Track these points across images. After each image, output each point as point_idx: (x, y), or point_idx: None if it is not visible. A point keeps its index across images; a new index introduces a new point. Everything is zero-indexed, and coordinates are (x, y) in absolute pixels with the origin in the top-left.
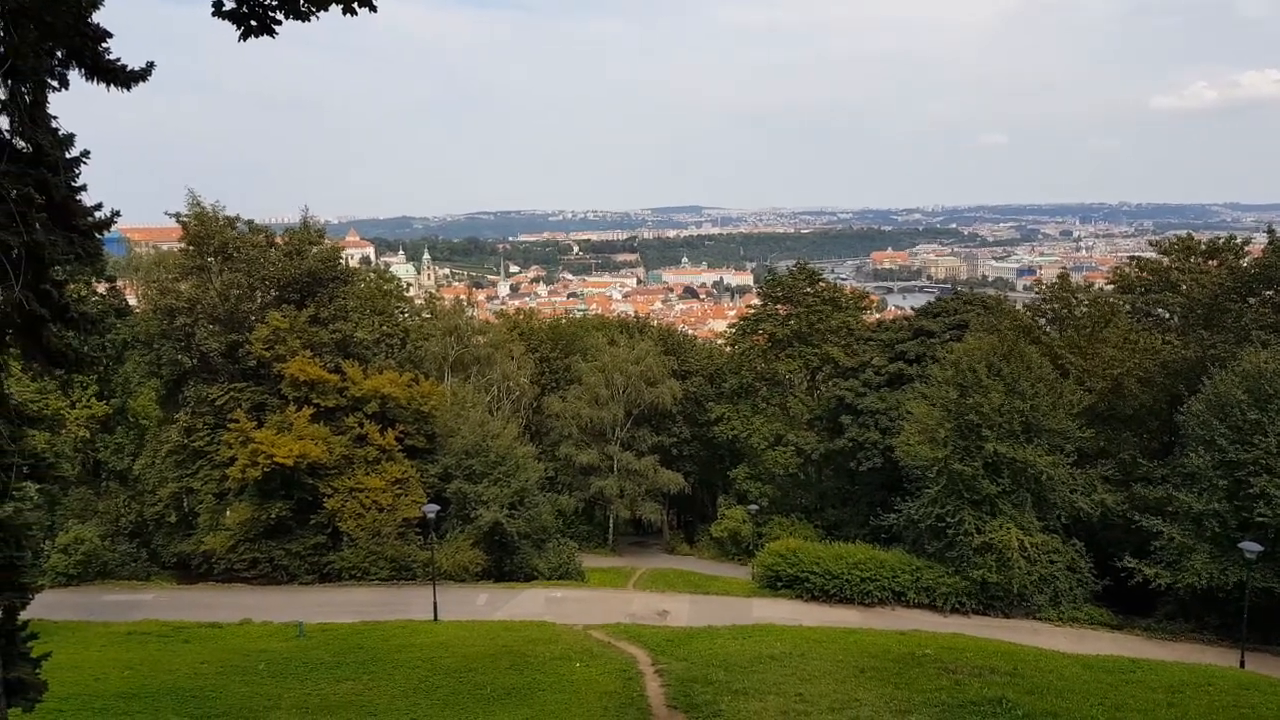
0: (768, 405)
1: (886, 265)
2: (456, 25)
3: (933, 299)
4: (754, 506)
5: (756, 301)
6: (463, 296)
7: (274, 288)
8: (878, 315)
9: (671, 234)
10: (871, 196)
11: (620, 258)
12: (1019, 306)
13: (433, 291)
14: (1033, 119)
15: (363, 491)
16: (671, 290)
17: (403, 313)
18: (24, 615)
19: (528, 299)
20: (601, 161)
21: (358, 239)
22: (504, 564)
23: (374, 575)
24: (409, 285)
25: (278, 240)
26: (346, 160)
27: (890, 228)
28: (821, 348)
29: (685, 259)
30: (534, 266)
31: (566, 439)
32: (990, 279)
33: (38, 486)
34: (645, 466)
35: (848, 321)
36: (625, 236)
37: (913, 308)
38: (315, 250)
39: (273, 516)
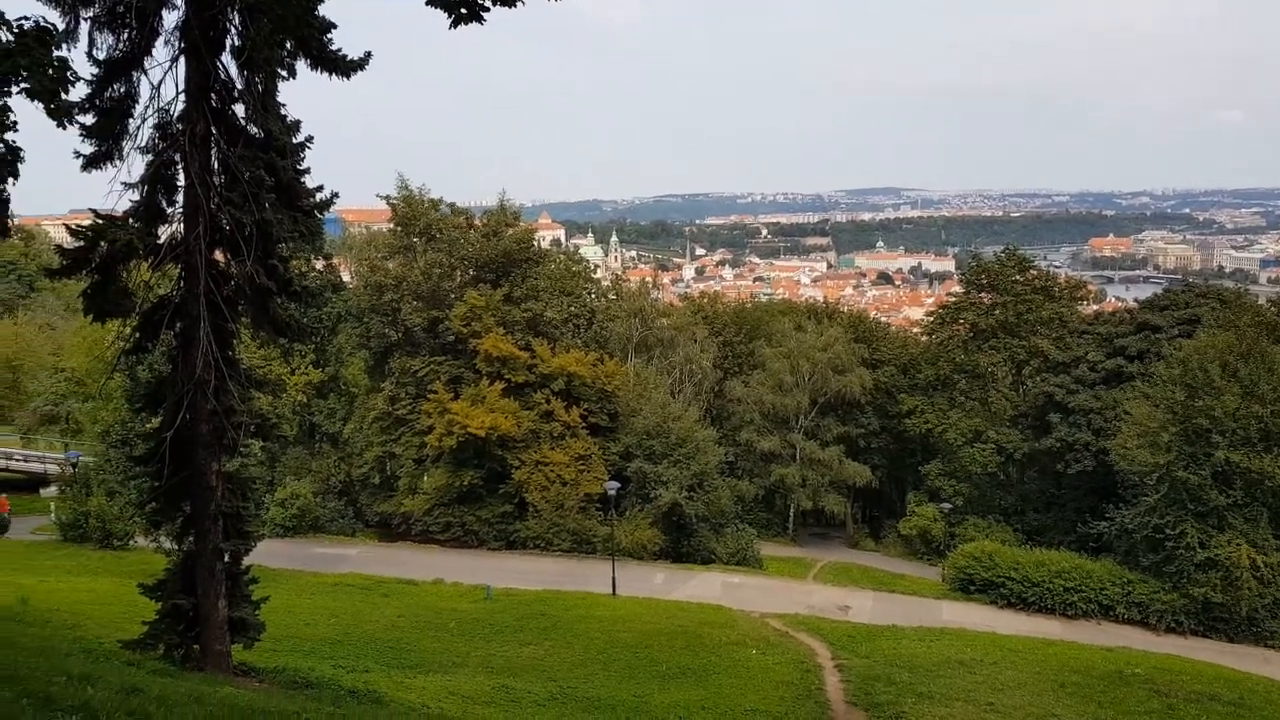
0: (966, 399)
1: (1107, 253)
2: (646, 9)
3: (1159, 290)
4: (947, 505)
5: (958, 289)
6: (648, 279)
7: (472, 267)
8: (1095, 307)
9: (866, 217)
10: (1091, 178)
11: (810, 241)
12: (1262, 301)
13: (619, 273)
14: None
15: (548, 465)
16: (864, 275)
17: (590, 294)
18: (247, 561)
19: (712, 282)
20: (794, 142)
21: (549, 221)
22: (681, 545)
23: (556, 546)
24: (596, 267)
25: (476, 222)
26: (541, 144)
27: (1112, 212)
28: (1030, 340)
29: (880, 243)
30: (720, 249)
31: (748, 424)
32: (1228, 270)
33: (261, 444)
34: (830, 457)
35: (1060, 313)
36: (816, 219)
37: (1136, 299)
38: (510, 232)
39: (465, 484)
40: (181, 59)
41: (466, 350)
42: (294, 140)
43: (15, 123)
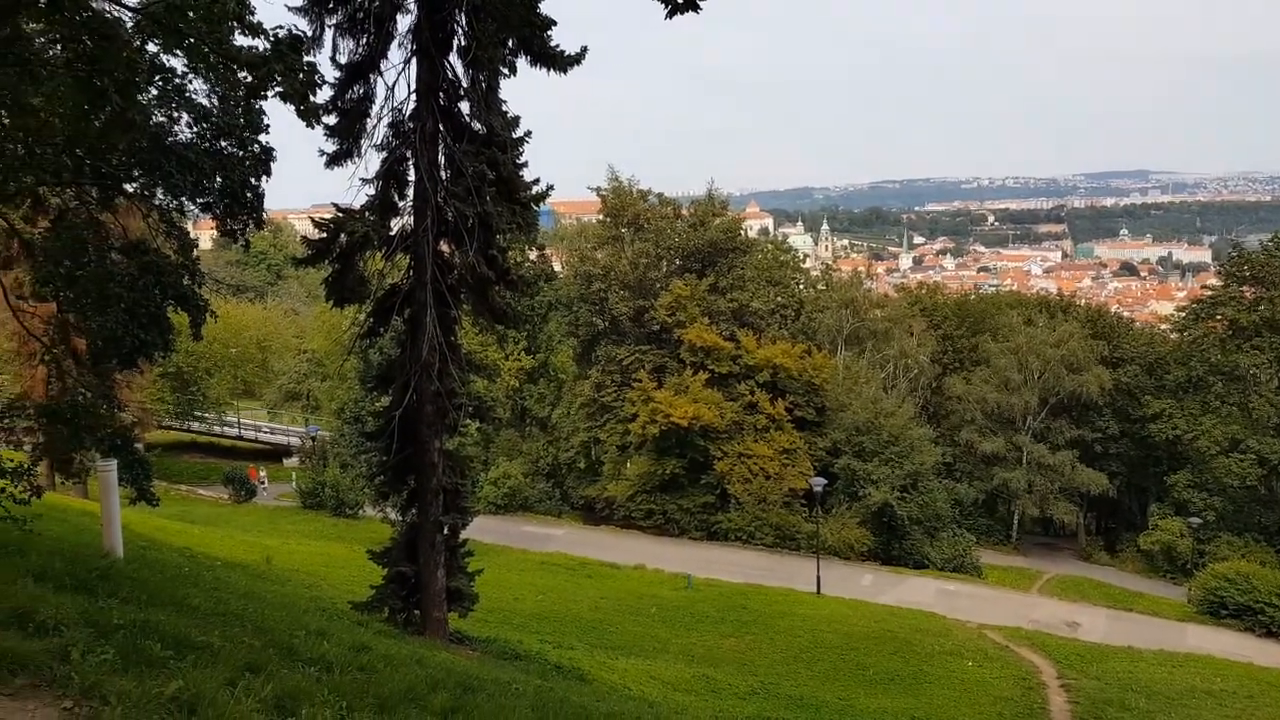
0: (1222, 403)
1: None
2: None
3: None
4: (1196, 520)
5: (1215, 281)
6: (861, 268)
7: (678, 257)
8: None
9: (1108, 202)
10: None
11: (1043, 229)
12: None
13: (829, 263)
14: None
15: (751, 458)
16: (1104, 266)
17: (798, 284)
18: (463, 534)
19: (931, 272)
20: (1027, 122)
21: (757, 210)
22: (891, 547)
23: (758, 540)
24: (805, 256)
25: (683, 212)
26: (751, 132)
27: None
28: None
29: (1124, 231)
30: (941, 238)
31: (969, 424)
32: None
33: (477, 425)
34: (1060, 461)
35: None
36: (1050, 205)
37: None
38: (717, 221)
39: (667, 472)
40: (413, 60)
41: (671, 340)
42: (513, 135)
43: (268, 125)
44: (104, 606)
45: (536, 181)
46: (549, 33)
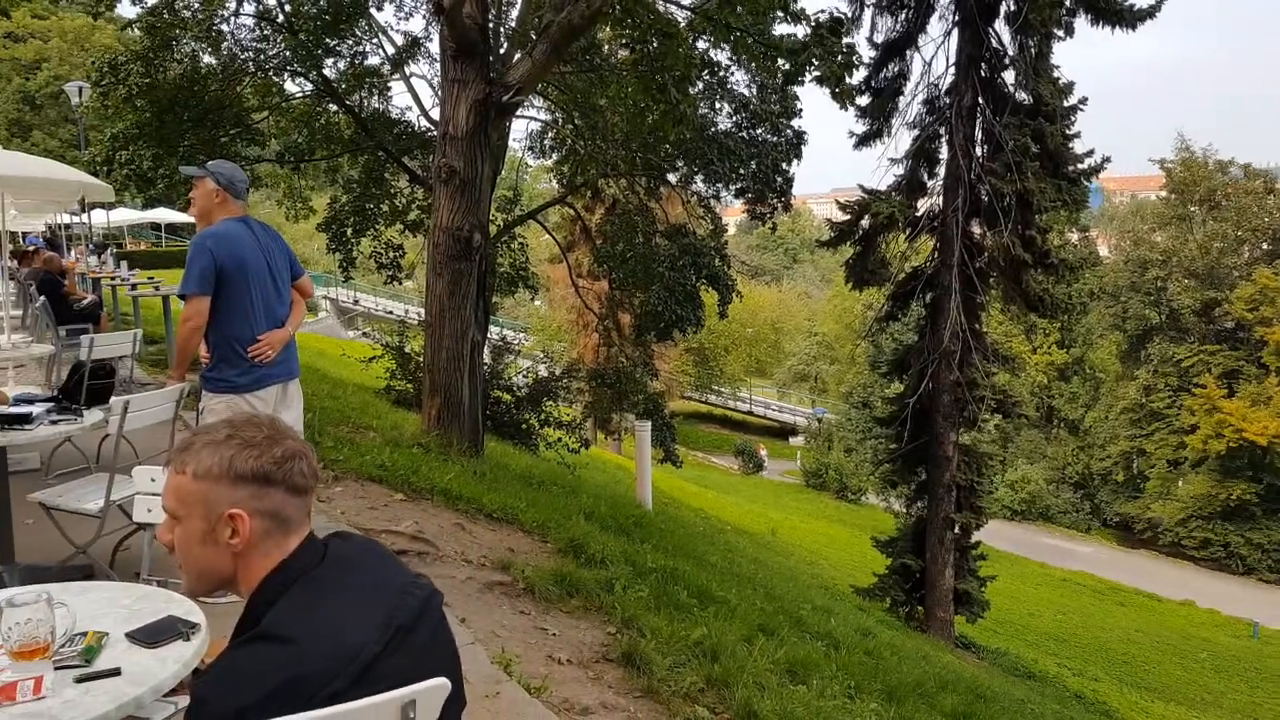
0: None
1: None
2: None
3: None
4: None
5: None
6: None
7: (1266, 240)
8: None
9: None
10: None
11: None
12: None
13: None
14: None
15: None
16: None
17: None
18: (975, 536)
19: None
20: None
21: None
22: None
23: None
24: None
25: (1277, 186)
26: None
27: None
28: None
29: None
30: None
31: None
32: None
33: (997, 422)
34: None
35: None
36: None
37: None
38: None
39: (1234, 497)
40: (954, 32)
41: (1250, 340)
42: (1064, 104)
43: (801, 110)
44: (639, 550)
45: (1090, 153)
46: None
